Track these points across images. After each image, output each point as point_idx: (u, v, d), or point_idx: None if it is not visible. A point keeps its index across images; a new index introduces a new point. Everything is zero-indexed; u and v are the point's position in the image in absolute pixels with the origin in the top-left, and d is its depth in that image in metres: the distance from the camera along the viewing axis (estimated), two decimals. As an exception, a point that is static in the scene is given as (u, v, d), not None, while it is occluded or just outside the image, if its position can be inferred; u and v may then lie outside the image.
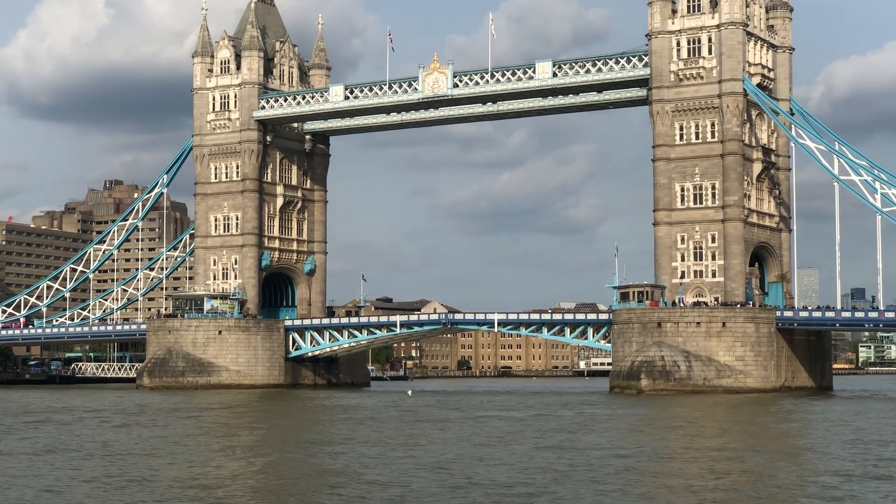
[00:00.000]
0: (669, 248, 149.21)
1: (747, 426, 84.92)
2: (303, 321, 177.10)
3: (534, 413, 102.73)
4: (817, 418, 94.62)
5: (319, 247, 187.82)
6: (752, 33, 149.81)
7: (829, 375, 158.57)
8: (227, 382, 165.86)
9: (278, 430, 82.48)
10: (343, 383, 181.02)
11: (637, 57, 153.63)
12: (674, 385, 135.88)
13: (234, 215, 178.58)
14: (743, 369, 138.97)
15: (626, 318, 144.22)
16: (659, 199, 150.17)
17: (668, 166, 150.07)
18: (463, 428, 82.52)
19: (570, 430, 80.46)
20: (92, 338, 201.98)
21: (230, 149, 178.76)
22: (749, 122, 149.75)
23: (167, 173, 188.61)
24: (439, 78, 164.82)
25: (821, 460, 60.00)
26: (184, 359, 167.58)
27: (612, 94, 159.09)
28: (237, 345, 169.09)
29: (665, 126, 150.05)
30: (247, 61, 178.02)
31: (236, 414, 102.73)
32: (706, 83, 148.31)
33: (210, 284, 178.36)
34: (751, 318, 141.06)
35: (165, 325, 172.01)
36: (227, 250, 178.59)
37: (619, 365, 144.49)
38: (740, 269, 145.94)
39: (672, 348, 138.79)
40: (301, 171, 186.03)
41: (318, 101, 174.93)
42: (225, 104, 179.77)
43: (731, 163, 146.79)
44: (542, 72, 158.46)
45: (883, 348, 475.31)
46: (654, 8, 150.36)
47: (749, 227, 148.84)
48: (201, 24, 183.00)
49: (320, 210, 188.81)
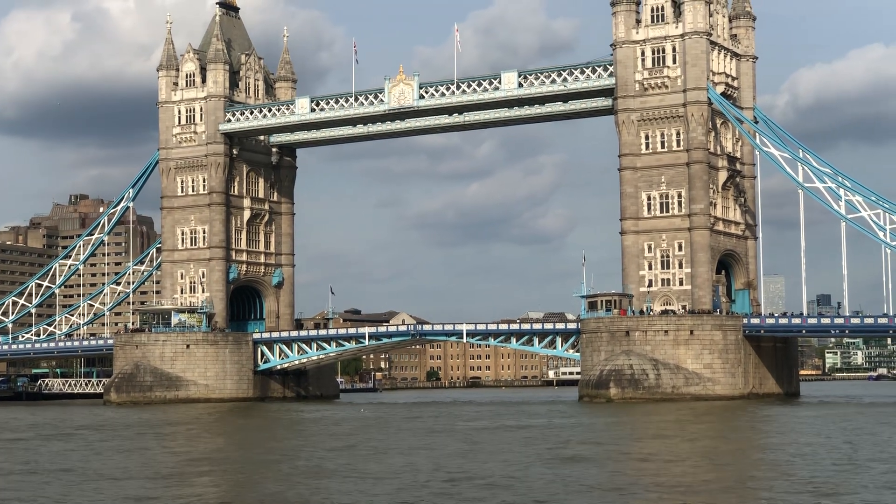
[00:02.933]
0: (637, 257, 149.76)
1: (723, 433, 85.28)
2: (271, 334, 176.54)
3: (507, 424, 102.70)
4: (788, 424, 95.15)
5: (287, 259, 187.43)
6: (715, 42, 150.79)
7: (796, 382, 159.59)
8: (195, 396, 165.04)
9: (230, 446, 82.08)
10: (312, 396, 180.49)
11: (602, 67, 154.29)
12: (643, 393, 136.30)
13: (200, 229, 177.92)
14: (711, 377, 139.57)
15: (595, 328, 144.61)
16: (626, 208, 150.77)
17: (634, 175, 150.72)
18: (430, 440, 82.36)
19: (545, 439, 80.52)
20: (58, 353, 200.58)
21: (196, 162, 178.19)
22: (714, 131, 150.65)
23: (133, 187, 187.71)
24: (405, 89, 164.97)
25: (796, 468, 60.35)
26: (151, 373, 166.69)
27: (578, 104, 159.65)
28: (205, 359, 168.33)
29: (631, 135, 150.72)
30: (212, 74, 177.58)
31: (190, 430, 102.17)
32: (671, 92, 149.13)
33: (177, 298, 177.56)
34: (718, 325, 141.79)
35: (132, 339, 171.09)
36: (194, 264, 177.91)
37: (587, 374, 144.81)
38: (707, 277, 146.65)
39: (640, 357, 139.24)
40: (268, 183, 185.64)
41: (285, 113, 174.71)
42: (191, 117, 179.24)
43: (697, 171, 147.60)
44: (508, 82, 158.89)
45: (849, 354, 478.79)
46: (618, 18, 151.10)
47: (715, 235, 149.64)
48: (166, 38, 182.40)
49: (287, 222, 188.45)
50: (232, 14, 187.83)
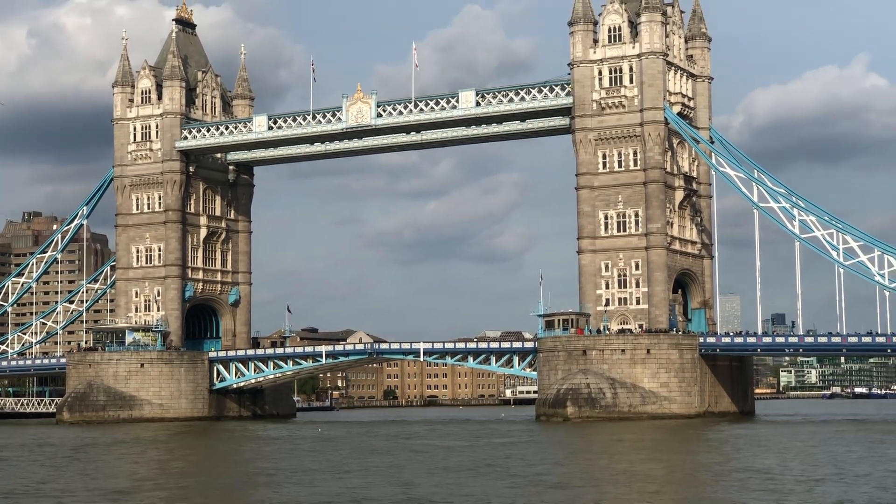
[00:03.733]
0: (594, 276, 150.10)
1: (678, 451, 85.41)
2: (227, 352, 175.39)
3: (463, 443, 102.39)
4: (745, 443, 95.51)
5: (244, 277, 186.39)
6: (671, 63, 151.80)
7: (751, 400, 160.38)
8: (149, 416, 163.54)
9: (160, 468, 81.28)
10: (269, 415, 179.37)
11: (560, 86, 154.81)
12: (599, 412, 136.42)
13: (156, 246, 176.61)
14: (667, 395, 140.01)
15: (552, 346, 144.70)
16: (583, 227, 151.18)
17: (591, 194, 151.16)
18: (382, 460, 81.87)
19: (496, 459, 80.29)
20: (10, 372, 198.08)
21: (152, 179, 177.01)
22: (671, 151, 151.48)
23: (87, 204, 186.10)
24: (363, 107, 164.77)
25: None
26: (105, 392, 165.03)
27: (536, 122, 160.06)
28: (160, 377, 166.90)
29: (588, 154, 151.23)
30: (168, 91, 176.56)
31: (139, 450, 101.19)
32: (628, 112, 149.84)
33: (132, 317, 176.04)
34: (675, 344, 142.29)
35: (86, 358, 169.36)
36: (149, 282, 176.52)
37: (544, 393, 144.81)
38: (664, 296, 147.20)
39: (597, 375, 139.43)
40: (225, 201, 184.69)
41: (242, 131, 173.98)
42: (146, 134, 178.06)
43: (654, 190, 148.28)
44: (466, 101, 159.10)
45: (803, 372, 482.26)
46: (575, 38, 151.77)
47: (672, 255, 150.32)
48: (122, 54, 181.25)
49: (244, 240, 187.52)
50: (189, 31, 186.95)
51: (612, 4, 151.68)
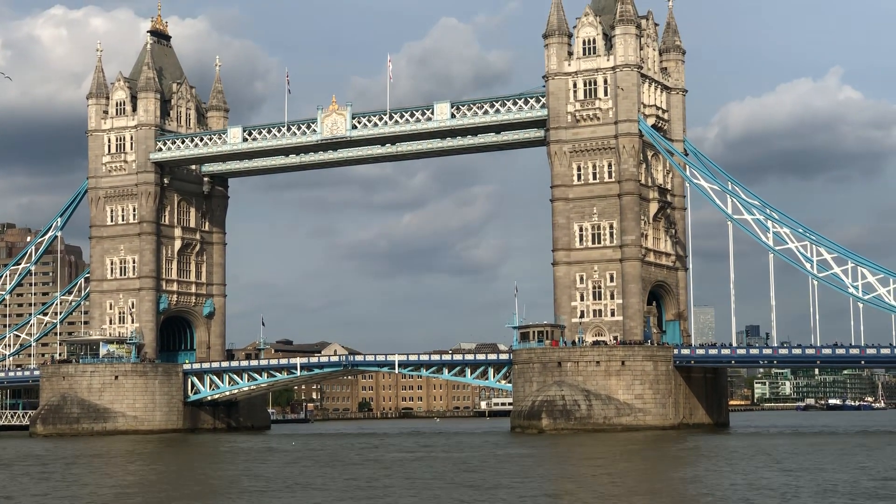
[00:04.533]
0: (569, 288, 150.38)
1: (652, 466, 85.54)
2: (202, 365, 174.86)
3: (439, 454, 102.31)
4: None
5: (218, 289, 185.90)
6: (646, 75, 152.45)
7: (725, 412, 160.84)
8: (123, 428, 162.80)
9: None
10: (243, 427, 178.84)
11: (535, 98, 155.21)
12: (574, 424, 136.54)
13: (130, 258, 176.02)
14: (642, 407, 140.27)
15: (527, 358, 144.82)
16: (558, 239, 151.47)
17: (566, 206, 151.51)
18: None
19: (473, 469, 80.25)
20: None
21: (126, 191, 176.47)
22: (645, 163, 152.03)
23: (61, 216, 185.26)
24: (338, 119, 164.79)
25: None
26: (79, 405, 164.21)
27: (511, 135, 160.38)
28: (134, 390, 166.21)
29: (563, 167, 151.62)
30: (143, 103, 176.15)
31: (112, 462, 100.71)
32: (602, 124, 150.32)
33: (106, 329, 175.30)
34: (649, 356, 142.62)
35: (59, 370, 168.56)
36: (123, 294, 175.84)
37: (519, 405, 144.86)
38: (638, 308, 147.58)
39: (572, 387, 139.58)
40: (199, 213, 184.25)
41: (217, 143, 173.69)
42: (121, 146, 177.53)
43: (628, 203, 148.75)
44: (441, 113, 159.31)
45: (777, 384, 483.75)
46: (550, 50, 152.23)
47: (646, 267, 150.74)
48: (96, 66, 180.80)
49: (219, 252, 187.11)
50: (164, 43, 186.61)
51: (586, 17, 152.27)
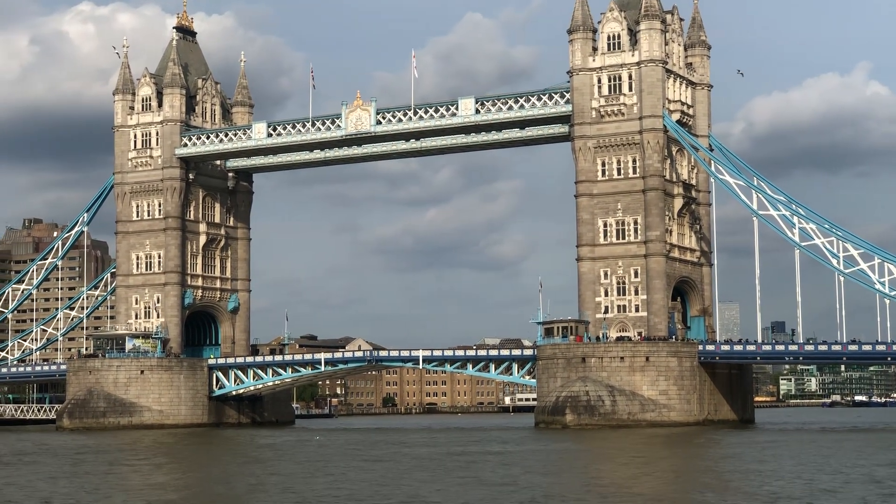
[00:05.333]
0: (593, 284, 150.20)
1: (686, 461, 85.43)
2: (226, 359, 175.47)
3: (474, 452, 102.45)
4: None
5: (243, 284, 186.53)
6: (671, 70, 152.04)
7: (750, 408, 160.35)
8: (149, 422, 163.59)
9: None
10: (267, 422, 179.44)
11: (559, 94, 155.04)
12: (598, 420, 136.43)
13: (156, 253, 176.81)
14: (666, 403, 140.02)
15: (551, 354, 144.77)
16: (582, 235, 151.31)
17: (590, 202, 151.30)
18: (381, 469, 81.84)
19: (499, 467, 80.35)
20: (10, 379, 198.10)
21: (152, 186, 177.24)
22: (669, 158, 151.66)
23: (88, 211, 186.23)
24: (362, 115, 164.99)
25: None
26: (105, 399, 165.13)
27: (535, 130, 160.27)
28: (160, 384, 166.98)
29: (587, 162, 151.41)
30: (168, 99, 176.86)
31: (146, 458, 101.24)
32: (627, 119, 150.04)
33: (132, 323, 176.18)
34: (673, 352, 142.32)
35: (86, 365, 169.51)
36: (149, 289, 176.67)
37: (543, 400, 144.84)
38: (663, 304, 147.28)
39: (596, 383, 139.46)
40: (224, 208, 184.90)
41: (241, 138, 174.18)
42: (146, 142, 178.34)
43: (653, 198, 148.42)
44: (465, 108, 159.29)
45: (803, 381, 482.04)
46: (574, 45, 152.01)
47: (671, 262, 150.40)
48: (122, 62, 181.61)
49: (244, 248, 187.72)
50: (189, 39, 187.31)
51: (611, 12, 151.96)
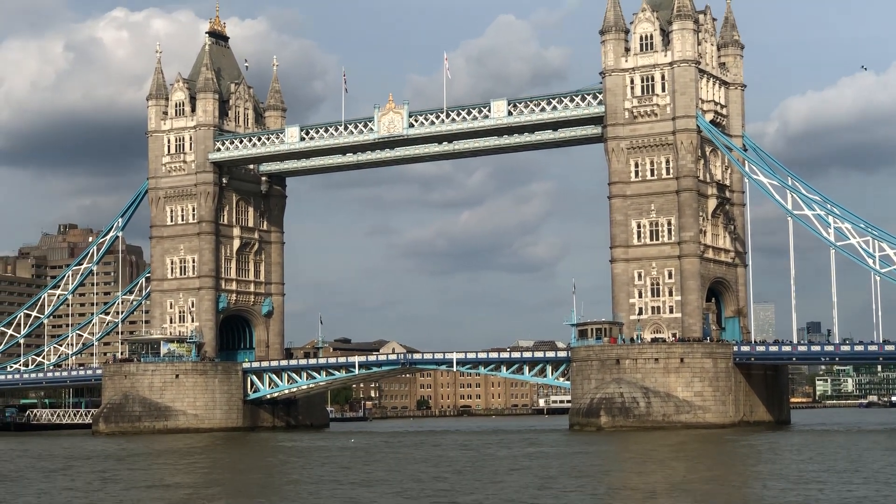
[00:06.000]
0: (626, 285, 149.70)
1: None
2: (261, 363, 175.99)
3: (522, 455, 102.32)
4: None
5: (277, 288, 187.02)
6: (704, 70, 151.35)
7: (786, 409, 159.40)
8: (184, 426, 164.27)
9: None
10: (302, 425, 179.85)
11: (591, 95, 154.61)
12: (633, 422, 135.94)
13: (190, 258, 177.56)
14: (701, 405, 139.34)
15: (585, 356, 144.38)
16: (615, 236, 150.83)
17: (624, 203, 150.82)
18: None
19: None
20: (47, 384, 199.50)
21: (186, 191, 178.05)
22: (703, 159, 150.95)
23: (122, 217, 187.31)
24: (395, 118, 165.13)
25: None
26: (140, 403, 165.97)
27: (568, 132, 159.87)
28: (195, 388, 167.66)
29: (620, 163, 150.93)
30: (202, 103, 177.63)
31: (191, 460, 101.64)
32: (660, 120, 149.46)
33: (167, 328, 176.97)
34: (708, 353, 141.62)
35: (121, 369, 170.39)
36: (183, 293, 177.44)
37: (578, 402, 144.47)
38: (697, 305, 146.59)
39: (631, 385, 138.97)
40: (258, 212, 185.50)
41: (274, 142, 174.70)
42: (180, 146, 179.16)
43: (687, 199, 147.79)
44: (498, 111, 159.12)
45: (839, 381, 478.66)
46: (607, 46, 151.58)
47: (705, 263, 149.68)
48: (156, 67, 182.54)
49: (277, 251, 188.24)
50: (222, 43, 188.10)
51: (643, 13, 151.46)
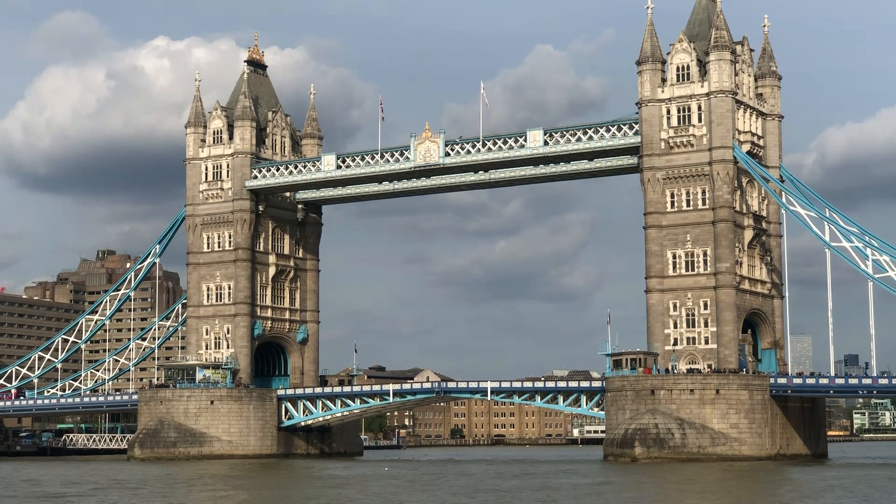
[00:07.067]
0: (662, 316, 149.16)
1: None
2: (295, 390, 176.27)
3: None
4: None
5: (312, 316, 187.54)
6: (741, 101, 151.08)
7: (823, 442, 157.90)
8: (219, 453, 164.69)
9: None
10: (336, 452, 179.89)
11: (628, 125, 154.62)
12: (668, 453, 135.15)
13: (226, 284, 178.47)
14: (737, 437, 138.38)
15: (620, 386, 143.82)
16: (651, 267, 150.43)
17: (659, 233, 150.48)
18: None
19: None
20: (83, 409, 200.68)
21: (223, 218, 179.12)
22: (740, 190, 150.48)
23: (160, 243, 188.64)
24: (431, 147, 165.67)
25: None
26: (176, 429, 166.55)
27: (604, 162, 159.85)
28: (229, 415, 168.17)
29: (656, 194, 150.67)
30: (239, 131, 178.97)
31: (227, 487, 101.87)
32: (696, 151, 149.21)
33: (202, 354, 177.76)
34: (744, 385, 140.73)
35: (157, 395, 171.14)
36: (219, 320, 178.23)
37: (612, 433, 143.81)
38: (733, 336, 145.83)
39: (666, 416, 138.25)
40: (293, 240, 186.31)
41: (311, 170, 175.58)
42: (217, 174, 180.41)
43: (723, 230, 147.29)
44: (534, 140, 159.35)
45: (877, 415, 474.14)
46: (643, 76, 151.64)
47: (741, 294, 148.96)
48: (195, 95, 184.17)
49: (313, 279, 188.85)
50: (259, 72, 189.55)
51: (680, 44, 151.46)
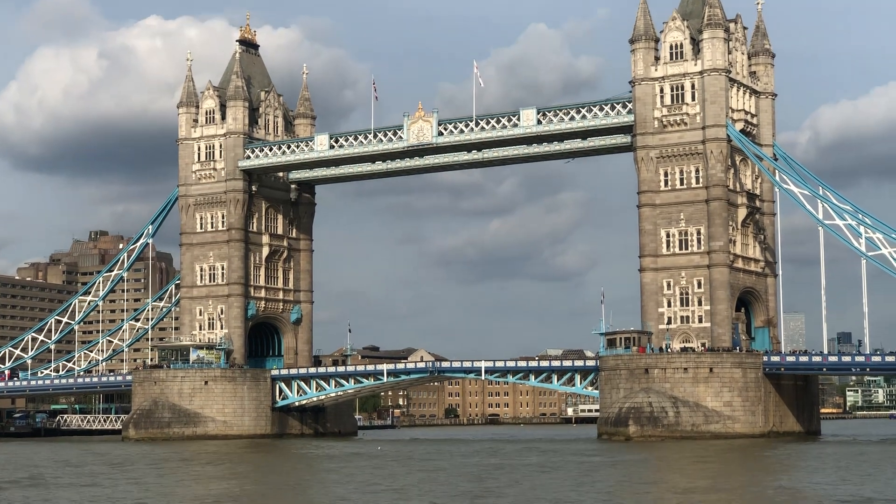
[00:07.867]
0: (656, 294, 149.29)
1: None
2: (289, 370, 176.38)
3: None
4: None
5: (306, 296, 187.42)
6: (734, 79, 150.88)
7: (816, 420, 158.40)
8: (213, 433, 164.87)
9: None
10: (330, 432, 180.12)
11: (621, 104, 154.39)
12: (662, 431, 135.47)
13: (219, 265, 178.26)
14: (731, 415, 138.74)
15: (614, 365, 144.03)
16: (644, 246, 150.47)
17: (653, 212, 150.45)
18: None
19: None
20: (77, 390, 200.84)
21: (215, 199, 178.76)
22: (733, 168, 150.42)
23: (152, 224, 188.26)
24: (424, 126, 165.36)
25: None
26: (170, 409, 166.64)
27: (597, 140, 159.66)
28: (223, 395, 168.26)
29: (650, 172, 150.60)
30: (232, 111, 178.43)
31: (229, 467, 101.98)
32: (690, 129, 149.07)
33: (196, 335, 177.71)
34: (738, 363, 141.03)
35: (151, 375, 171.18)
36: (212, 300, 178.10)
37: (606, 411, 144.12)
38: (727, 315, 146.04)
39: (660, 394, 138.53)
40: (287, 220, 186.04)
41: (304, 150, 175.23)
42: (210, 154, 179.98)
43: (716, 208, 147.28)
44: (527, 119, 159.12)
45: (870, 392, 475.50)
46: (637, 55, 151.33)
47: (735, 273, 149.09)
48: (186, 75, 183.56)
49: (306, 259, 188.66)
50: (252, 52, 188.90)
51: (673, 22, 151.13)
